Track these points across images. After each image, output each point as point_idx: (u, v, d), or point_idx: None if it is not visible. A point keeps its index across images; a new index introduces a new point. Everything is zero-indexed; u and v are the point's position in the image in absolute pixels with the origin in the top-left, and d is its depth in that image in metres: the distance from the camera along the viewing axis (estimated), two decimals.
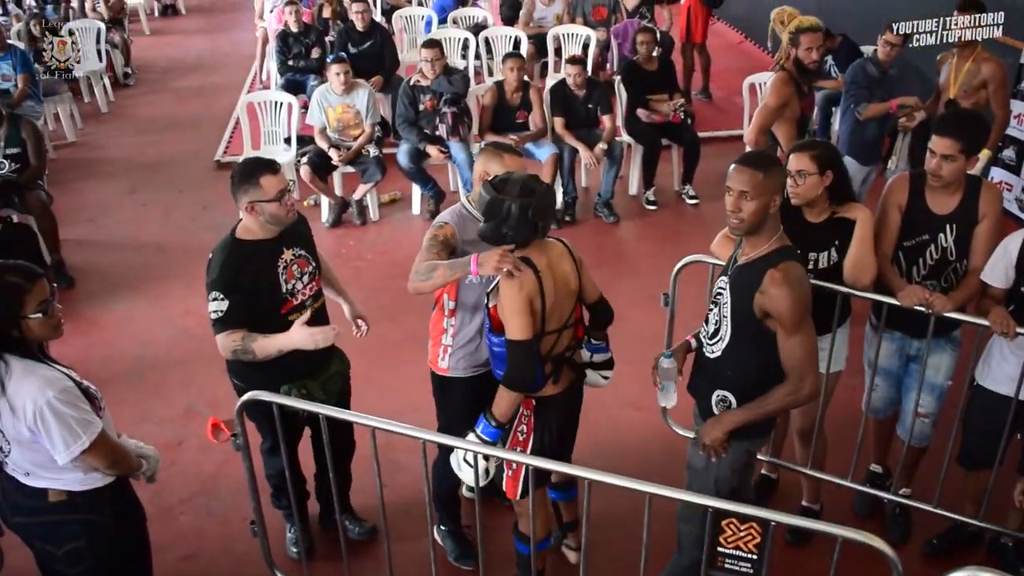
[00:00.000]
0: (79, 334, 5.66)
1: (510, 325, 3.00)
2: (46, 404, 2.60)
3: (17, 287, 2.65)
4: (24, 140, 6.32)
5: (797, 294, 2.86)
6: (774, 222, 2.99)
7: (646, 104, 7.12)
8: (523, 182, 3.03)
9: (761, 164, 2.95)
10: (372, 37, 8.25)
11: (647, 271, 6.20)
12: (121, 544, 2.93)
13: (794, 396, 2.97)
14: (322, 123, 6.96)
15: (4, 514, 2.90)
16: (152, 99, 10.60)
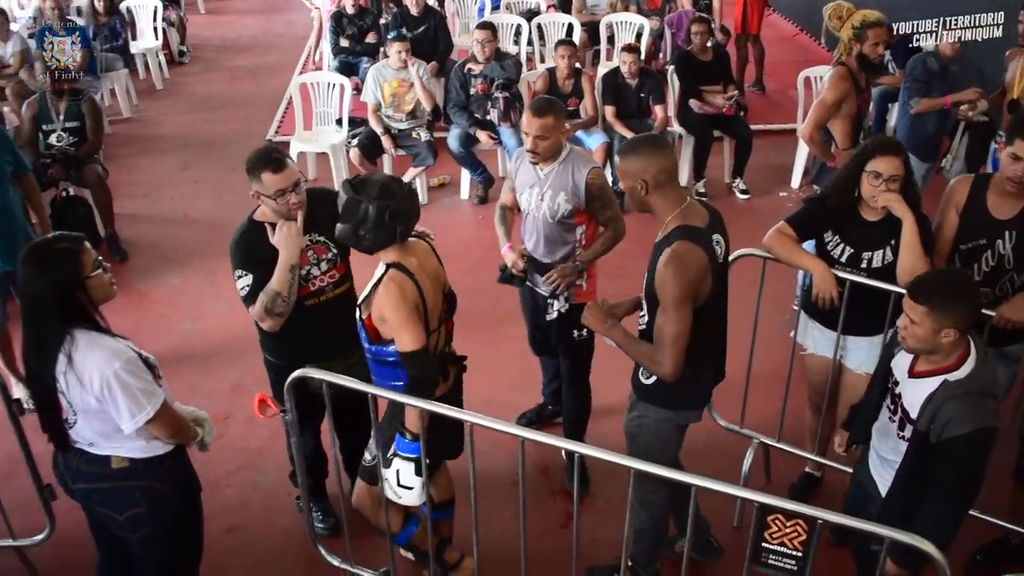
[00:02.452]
0: (131, 307, 5.76)
1: (402, 337, 2.96)
2: (113, 374, 2.66)
3: (73, 250, 2.73)
4: (83, 115, 6.43)
5: (679, 273, 2.89)
6: (664, 202, 3.01)
7: (699, 95, 7.06)
8: (382, 183, 3.00)
9: (623, 150, 3.08)
10: (426, 21, 8.25)
11: None
12: (179, 511, 2.99)
13: (653, 364, 3.04)
14: (376, 100, 6.98)
15: (65, 481, 2.97)
16: (206, 77, 10.71)
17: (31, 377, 2.78)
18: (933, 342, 2.72)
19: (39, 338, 2.70)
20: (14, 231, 4.57)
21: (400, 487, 3.11)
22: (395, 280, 2.98)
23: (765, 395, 4.05)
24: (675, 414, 3.26)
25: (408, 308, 2.96)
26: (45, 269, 2.67)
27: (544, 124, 3.71)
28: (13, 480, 3.81)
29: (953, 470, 2.72)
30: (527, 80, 7.36)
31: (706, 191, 7.15)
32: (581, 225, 3.92)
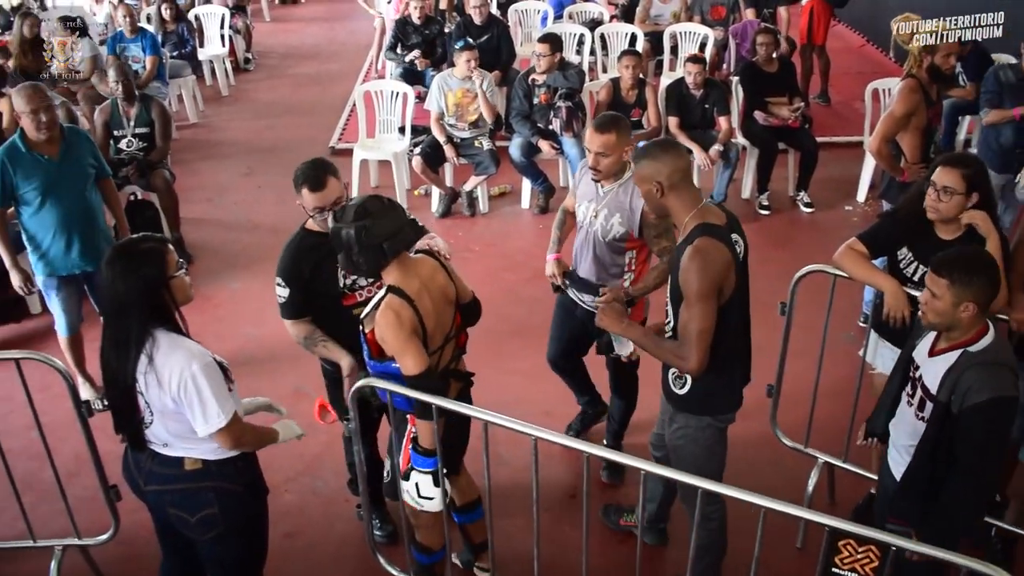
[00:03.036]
0: (196, 310, 5.74)
1: (404, 362, 2.97)
2: (191, 376, 2.69)
3: (158, 250, 2.77)
4: (153, 120, 6.55)
5: (702, 268, 2.91)
6: (680, 203, 3.03)
7: (764, 107, 6.97)
8: (357, 205, 2.98)
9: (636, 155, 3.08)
10: (490, 31, 8.26)
11: (758, 277, 5.95)
12: (248, 513, 3.01)
13: (678, 360, 3.03)
14: (440, 108, 7.00)
15: (137, 483, 2.99)
16: (271, 84, 10.86)
17: (109, 377, 2.79)
18: (952, 316, 2.76)
19: (122, 337, 2.72)
20: (96, 233, 4.68)
21: (421, 498, 3.16)
22: (392, 306, 2.98)
23: (830, 413, 3.96)
24: (714, 419, 3.26)
25: (406, 334, 2.96)
26: (132, 268, 2.70)
27: (606, 141, 3.65)
28: (79, 480, 3.87)
29: (971, 440, 2.74)
30: (590, 90, 7.33)
31: (769, 204, 7.05)
32: (632, 251, 3.85)
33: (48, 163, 4.53)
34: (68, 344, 4.89)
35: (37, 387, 3.50)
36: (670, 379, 3.24)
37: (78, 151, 4.66)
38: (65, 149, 4.59)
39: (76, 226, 4.62)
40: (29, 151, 4.50)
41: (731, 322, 3.07)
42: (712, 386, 3.14)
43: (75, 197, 4.62)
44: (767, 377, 3.91)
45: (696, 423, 3.24)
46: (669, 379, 3.25)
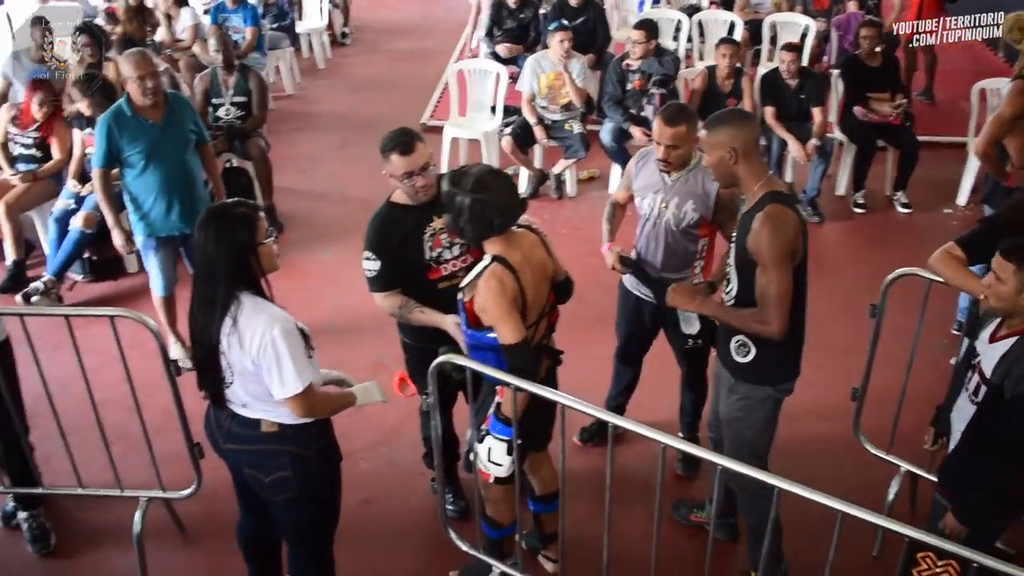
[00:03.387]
0: (284, 278, 5.85)
1: (502, 330, 3.00)
2: (271, 340, 2.75)
3: (251, 216, 2.84)
4: (250, 90, 6.69)
5: (777, 233, 2.97)
6: (751, 171, 3.07)
7: (865, 102, 6.78)
8: (477, 176, 3.01)
9: (707, 124, 3.11)
10: (585, 13, 8.19)
11: (850, 277, 5.94)
12: (320, 479, 3.06)
13: (760, 325, 3.07)
14: (532, 90, 6.99)
15: (216, 440, 3.08)
16: (366, 59, 10.99)
17: (196, 335, 2.88)
18: (1015, 302, 2.76)
19: (209, 298, 2.79)
20: (194, 197, 4.81)
21: (490, 462, 3.19)
22: (495, 274, 3.01)
23: (916, 422, 3.84)
24: (775, 389, 3.30)
25: (508, 302, 3.00)
26: (224, 232, 2.77)
27: (676, 133, 3.61)
28: (165, 435, 3.98)
29: (1020, 427, 2.72)
30: (685, 77, 7.24)
31: (865, 202, 6.89)
32: (704, 238, 3.82)
33: (152, 127, 4.66)
34: (162, 304, 5.04)
35: (130, 343, 3.61)
36: (732, 348, 3.26)
37: (180, 116, 4.79)
38: (168, 114, 4.72)
39: (176, 189, 4.75)
40: (134, 115, 4.64)
41: (800, 285, 3.12)
42: (776, 354, 3.19)
43: (176, 161, 4.76)
44: (853, 380, 3.83)
45: (759, 394, 3.28)
46: (731, 348, 3.26)
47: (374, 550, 3.91)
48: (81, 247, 5.86)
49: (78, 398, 3.73)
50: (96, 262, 6.10)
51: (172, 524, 3.98)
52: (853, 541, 3.35)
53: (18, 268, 6.04)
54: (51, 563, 3.91)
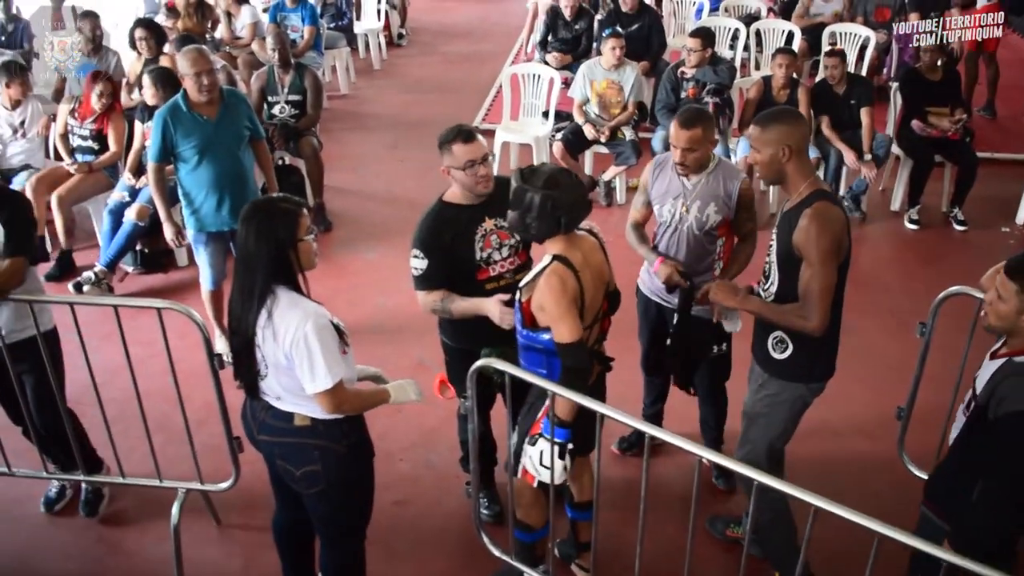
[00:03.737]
0: (330, 276, 6.00)
1: (560, 329, 3.01)
2: (304, 336, 2.78)
3: (293, 213, 2.87)
4: (306, 89, 6.77)
5: (824, 229, 3.00)
6: (800, 170, 3.13)
7: (923, 116, 6.65)
8: (549, 174, 3.03)
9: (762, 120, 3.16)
10: (640, 20, 8.16)
11: (900, 294, 5.83)
12: (350, 474, 3.07)
13: (801, 321, 3.09)
14: (584, 96, 6.99)
15: (251, 431, 3.13)
16: (422, 60, 11.05)
17: (233, 324, 2.92)
18: (1014, 322, 2.71)
19: (247, 289, 2.84)
20: (246, 193, 4.85)
21: (541, 466, 3.16)
22: (557, 272, 3.02)
23: None
24: (807, 389, 3.32)
25: (568, 301, 3.01)
26: (265, 226, 2.82)
27: (692, 136, 3.60)
28: (206, 427, 4.04)
29: (1001, 448, 2.68)
30: (740, 87, 7.17)
31: (920, 218, 6.75)
32: (722, 238, 3.81)
33: (206, 123, 4.73)
34: (210, 297, 5.11)
35: (176, 335, 3.66)
36: (770, 344, 3.28)
37: (235, 113, 4.85)
38: (223, 111, 4.79)
39: (228, 185, 4.81)
40: (190, 111, 4.72)
41: (840, 287, 3.15)
42: (813, 352, 3.22)
43: (229, 157, 4.82)
44: (898, 398, 3.76)
45: (791, 392, 3.31)
46: (769, 344, 3.29)
47: (406, 551, 3.91)
48: (134, 239, 5.96)
49: (123, 388, 3.80)
50: (147, 254, 6.22)
51: (209, 516, 4.02)
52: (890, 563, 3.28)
53: (65, 257, 6.18)
54: (90, 549, 3.98)
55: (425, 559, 3.90)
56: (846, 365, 4.99)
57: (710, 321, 3.70)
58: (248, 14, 8.78)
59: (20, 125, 6.26)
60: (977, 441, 2.80)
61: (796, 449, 3.83)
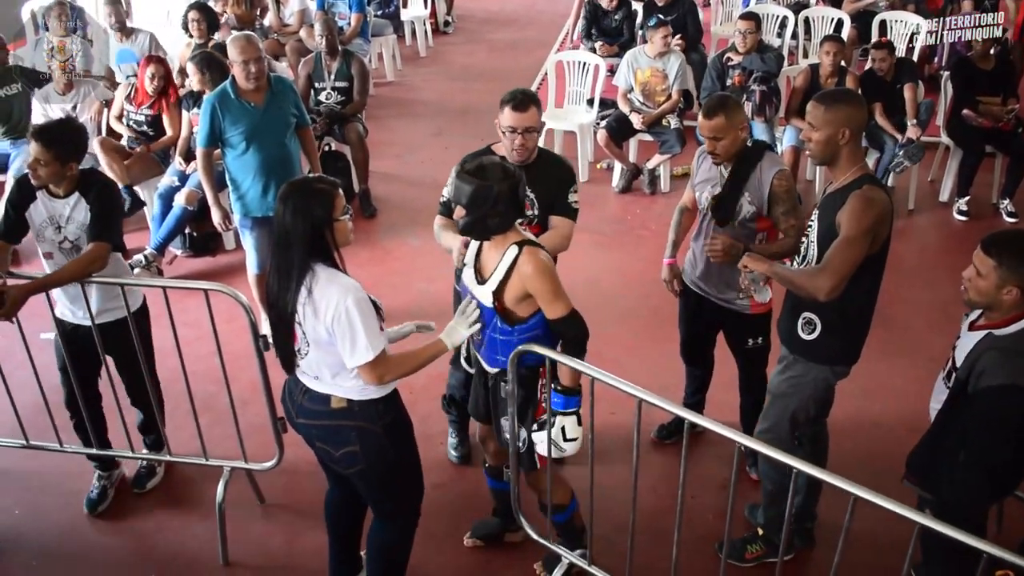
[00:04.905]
0: (375, 262, 6.07)
1: (556, 305, 3.05)
2: (345, 308, 2.83)
3: (329, 192, 2.92)
4: (352, 76, 6.82)
5: (867, 209, 3.02)
6: (853, 154, 3.15)
7: (975, 106, 6.54)
8: (495, 165, 3.05)
9: (825, 99, 3.15)
10: (677, 9, 8.08)
11: (947, 286, 5.71)
12: (388, 453, 3.10)
13: (811, 281, 3.09)
14: (628, 84, 6.98)
15: (290, 415, 3.20)
16: (467, 48, 11.07)
17: (272, 301, 2.97)
18: (994, 297, 2.78)
19: (284, 268, 2.89)
20: (291, 179, 4.88)
21: (567, 441, 3.18)
22: (536, 255, 3.04)
23: None
24: (832, 371, 3.37)
25: (555, 275, 3.07)
26: (302, 204, 2.86)
27: (715, 125, 3.58)
28: (251, 408, 4.10)
29: (978, 422, 2.77)
30: (787, 75, 7.10)
31: (968, 209, 6.65)
32: (762, 232, 3.75)
33: (253, 110, 4.80)
34: (256, 281, 5.19)
35: (223, 318, 3.74)
36: (799, 325, 3.32)
37: (282, 100, 4.91)
38: (270, 98, 4.85)
39: (274, 171, 4.86)
40: (237, 98, 4.79)
41: (876, 274, 3.20)
42: (842, 335, 3.26)
43: (275, 144, 4.88)
44: None
45: (815, 373, 3.35)
46: (798, 325, 3.32)
47: (444, 534, 3.94)
48: (183, 223, 6.07)
49: (171, 368, 3.88)
50: (196, 238, 6.32)
51: (253, 495, 4.10)
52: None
53: None
54: (137, 524, 4.07)
55: (459, 543, 3.92)
56: (889, 357, 4.97)
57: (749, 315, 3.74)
58: (296, 1, 8.87)
59: (72, 110, 6.38)
60: (957, 414, 2.85)
61: (836, 439, 3.82)
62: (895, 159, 6.41)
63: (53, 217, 3.70)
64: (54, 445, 4.02)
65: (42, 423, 3.99)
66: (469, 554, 3.90)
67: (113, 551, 3.96)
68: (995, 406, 2.73)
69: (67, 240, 3.72)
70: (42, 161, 3.57)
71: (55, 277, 3.61)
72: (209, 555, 3.86)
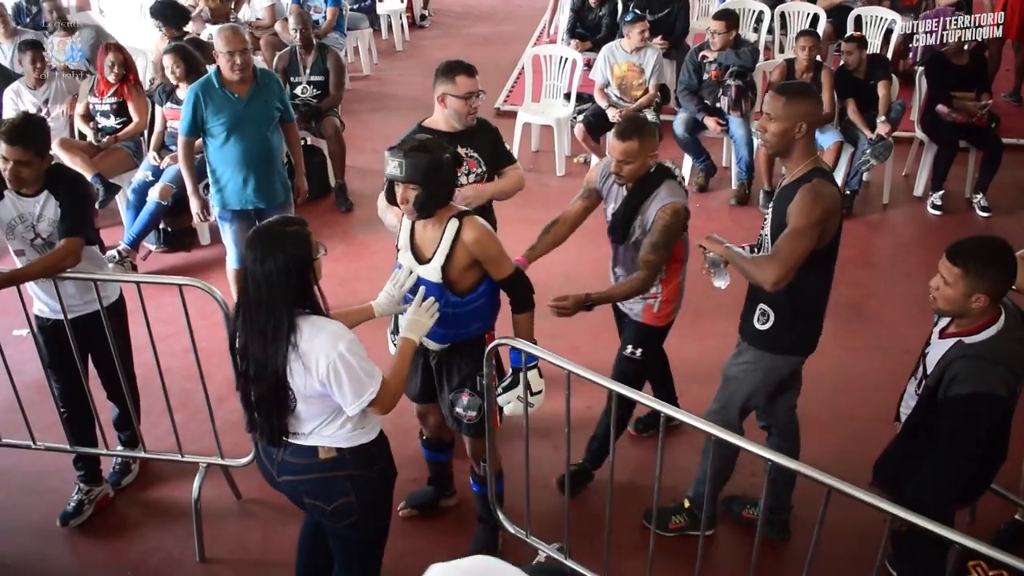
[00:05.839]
0: (351, 257, 6.04)
1: (503, 265, 3.21)
2: (338, 356, 2.61)
3: (305, 233, 2.68)
4: (328, 70, 6.79)
5: (816, 202, 3.05)
6: (807, 147, 3.17)
7: (949, 101, 6.58)
8: (434, 139, 3.19)
9: (786, 91, 3.17)
10: (670, 5, 8.07)
11: (922, 280, 5.70)
12: (380, 498, 2.98)
13: (760, 272, 3.13)
14: (605, 79, 6.98)
15: (271, 476, 2.96)
16: (444, 42, 11.05)
17: (253, 375, 2.70)
18: (962, 305, 2.79)
19: (271, 326, 2.61)
20: (272, 173, 4.92)
21: (534, 395, 3.28)
22: (476, 220, 3.17)
23: None
24: (785, 361, 3.43)
25: (497, 239, 3.22)
26: (280, 249, 2.61)
27: (627, 148, 3.48)
28: (227, 404, 4.08)
29: (947, 429, 2.80)
30: (763, 69, 7.12)
31: (943, 204, 6.70)
32: None
33: (236, 101, 4.78)
34: (235, 276, 5.15)
35: (198, 314, 3.71)
36: (755, 315, 3.37)
37: (266, 93, 4.89)
38: (255, 90, 4.82)
39: (254, 164, 4.85)
40: (221, 87, 4.77)
41: (827, 269, 3.27)
42: (794, 327, 3.31)
43: (257, 136, 4.85)
44: None
45: (768, 363, 3.41)
46: (754, 315, 3.38)
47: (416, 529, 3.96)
48: (157, 218, 6.02)
49: (145, 364, 3.86)
50: (171, 233, 6.28)
51: (229, 492, 4.07)
52: None
53: None
54: (112, 521, 4.04)
55: (438, 535, 3.93)
56: (865, 350, 5.02)
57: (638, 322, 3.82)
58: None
59: (44, 104, 6.32)
60: (926, 422, 2.88)
61: (811, 431, 3.84)
62: (863, 157, 6.45)
63: (23, 215, 3.65)
64: (27, 443, 3.98)
65: (14, 420, 3.96)
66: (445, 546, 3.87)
67: (88, 549, 3.92)
68: (965, 413, 2.75)
69: (39, 237, 3.67)
70: (23, 161, 3.51)
71: (25, 271, 3.58)
72: (185, 552, 3.83)
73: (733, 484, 4.00)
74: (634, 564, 3.55)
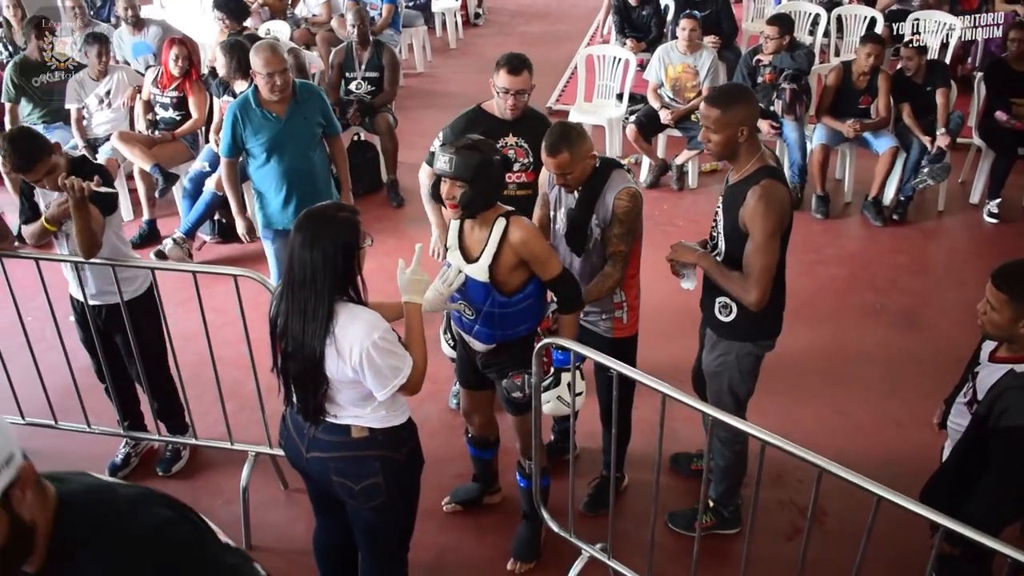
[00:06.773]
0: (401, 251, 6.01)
1: (550, 265, 3.19)
2: (371, 345, 2.62)
3: (355, 221, 2.69)
4: (383, 66, 6.85)
5: (771, 208, 3.08)
6: (752, 148, 3.17)
7: (1008, 107, 6.47)
8: (485, 141, 3.18)
9: (719, 102, 3.14)
10: (710, 5, 8.04)
11: (975, 288, 5.65)
12: (409, 482, 2.98)
13: (742, 292, 3.19)
14: (658, 79, 6.96)
15: (297, 451, 2.94)
16: (498, 40, 11.07)
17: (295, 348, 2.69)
18: (1010, 331, 2.74)
19: (311, 307, 2.63)
20: (315, 193, 4.58)
21: (576, 396, 3.30)
22: (523, 220, 3.17)
23: None
24: (755, 346, 3.45)
25: (545, 239, 3.25)
26: (327, 233, 2.62)
27: (560, 162, 3.28)
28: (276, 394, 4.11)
29: (1000, 459, 2.72)
30: (818, 72, 7.05)
31: (999, 212, 6.57)
32: None
33: (275, 121, 4.58)
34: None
35: (251, 304, 3.75)
36: (716, 309, 3.41)
37: (307, 110, 4.66)
38: (294, 108, 4.60)
39: (296, 184, 4.67)
40: (259, 107, 4.58)
41: (781, 256, 3.26)
42: (757, 315, 3.28)
43: (298, 156, 4.66)
44: None
45: (738, 350, 3.43)
46: (715, 309, 3.42)
47: (456, 524, 3.98)
48: (213, 209, 6.12)
49: (199, 352, 3.91)
50: (225, 224, 6.37)
51: (277, 481, 4.13)
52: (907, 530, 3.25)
53: (150, 227, 6.39)
54: None
55: (481, 531, 3.95)
56: (916, 357, 4.94)
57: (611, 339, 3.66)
58: None
59: (106, 95, 6.45)
60: (976, 450, 2.79)
61: (859, 438, 3.81)
62: (920, 175, 6.34)
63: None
64: (82, 427, 4.07)
65: (71, 405, 4.06)
66: (489, 543, 3.90)
67: None
68: (1018, 444, 2.66)
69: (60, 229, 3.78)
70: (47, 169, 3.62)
71: None
72: (232, 539, 3.86)
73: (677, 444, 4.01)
74: (676, 568, 3.55)
